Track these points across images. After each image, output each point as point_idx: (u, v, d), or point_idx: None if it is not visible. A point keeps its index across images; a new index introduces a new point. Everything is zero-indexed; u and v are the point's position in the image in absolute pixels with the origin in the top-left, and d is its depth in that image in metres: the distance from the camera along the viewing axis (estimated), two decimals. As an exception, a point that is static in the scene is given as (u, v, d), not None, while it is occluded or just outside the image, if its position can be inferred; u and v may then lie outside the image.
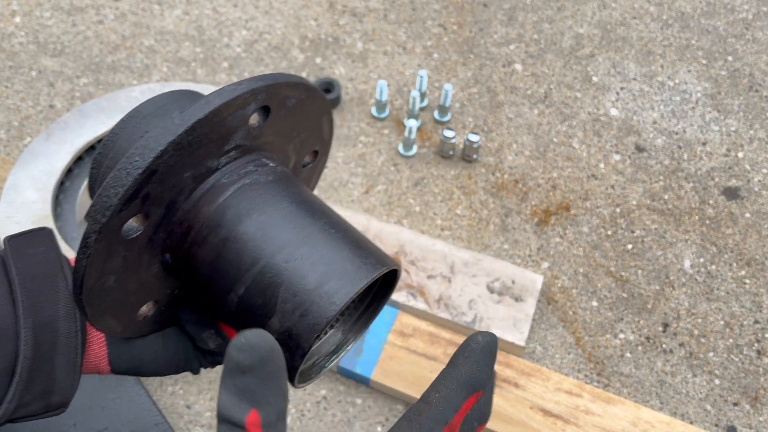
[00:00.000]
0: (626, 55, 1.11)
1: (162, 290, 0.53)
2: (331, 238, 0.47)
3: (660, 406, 0.79)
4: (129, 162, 0.42)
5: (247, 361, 0.34)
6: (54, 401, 0.52)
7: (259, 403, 0.35)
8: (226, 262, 0.47)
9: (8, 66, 1.07)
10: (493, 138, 1.01)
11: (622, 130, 1.02)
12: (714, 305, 0.86)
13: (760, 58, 1.11)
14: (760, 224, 0.93)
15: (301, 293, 0.44)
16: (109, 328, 0.51)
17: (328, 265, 0.45)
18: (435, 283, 0.83)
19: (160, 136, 0.43)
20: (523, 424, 0.75)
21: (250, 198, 0.47)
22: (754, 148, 1.01)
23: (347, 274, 0.45)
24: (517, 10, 1.16)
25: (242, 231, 0.46)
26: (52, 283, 0.51)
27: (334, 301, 0.43)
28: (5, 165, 0.92)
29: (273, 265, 0.45)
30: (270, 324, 0.45)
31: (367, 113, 1.03)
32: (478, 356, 0.40)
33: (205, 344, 0.58)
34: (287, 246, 0.46)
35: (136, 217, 0.46)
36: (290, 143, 0.54)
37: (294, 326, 0.44)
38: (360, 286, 0.44)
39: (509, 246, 0.90)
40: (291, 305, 0.44)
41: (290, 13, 1.15)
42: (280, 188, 0.49)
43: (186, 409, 0.77)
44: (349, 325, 0.54)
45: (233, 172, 0.48)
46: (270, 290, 0.45)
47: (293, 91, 0.49)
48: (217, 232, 0.47)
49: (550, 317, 0.85)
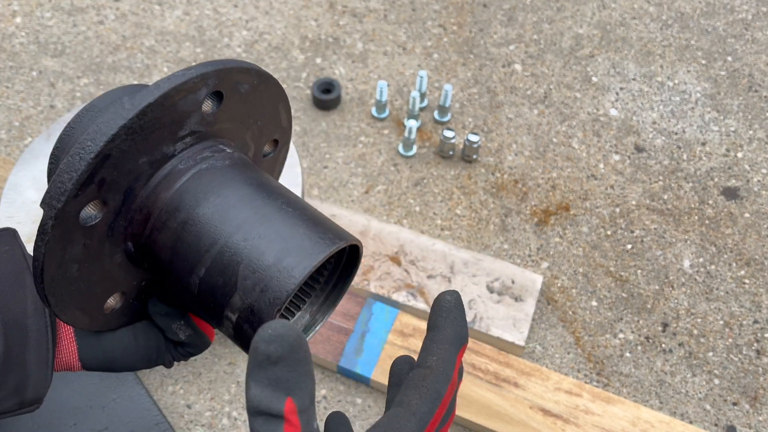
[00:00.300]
0: (626, 56, 1.11)
1: (128, 281, 0.53)
2: (288, 216, 0.47)
3: (659, 405, 0.79)
4: (81, 147, 0.43)
5: (278, 351, 0.35)
6: (27, 397, 0.52)
7: (292, 391, 0.36)
8: (186, 245, 0.47)
9: (9, 66, 1.07)
10: (492, 138, 1.01)
11: (622, 130, 1.02)
12: (713, 305, 0.87)
13: (760, 58, 1.11)
14: (759, 224, 0.93)
15: (261, 270, 0.45)
16: (76, 319, 0.51)
17: (286, 242, 0.46)
18: (435, 283, 0.83)
19: (111, 120, 0.43)
20: (522, 423, 0.75)
21: (207, 182, 0.48)
22: (753, 149, 1.01)
23: (305, 249, 0.45)
24: (516, 10, 1.17)
25: (200, 213, 0.47)
26: (18, 280, 0.51)
27: (293, 275, 0.44)
28: (6, 165, 0.92)
29: (231, 245, 0.46)
30: (232, 302, 0.46)
31: (367, 113, 1.03)
32: (455, 314, 0.43)
33: (176, 336, 0.58)
34: (244, 225, 0.46)
35: (93, 204, 0.46)
36: (248, 131, 0.54)
37: (255, 302, 0.45)
38: (318, 259, 0.45)
39: (509, 246, 0.91)
40: (251, 282, 0.45)
41: (290, 14, 1.15)
42: (236, 172, 0.49)
43: (186, 408, 0.77)
44: (316, 306, 0.55)
45: (189, 158, 0.48)
46: (230, 269, 0.46)
47: (245, 77, 0.50)
48: (176, 216, 0.47)
49: (550, 317, 0.85)
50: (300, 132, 1.01)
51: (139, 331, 0.58)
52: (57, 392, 0.73)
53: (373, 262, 0.84)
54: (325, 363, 0.79)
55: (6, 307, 0.50)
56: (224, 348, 0.82)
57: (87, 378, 0.75)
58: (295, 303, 0.56)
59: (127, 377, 0.75)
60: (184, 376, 0.79)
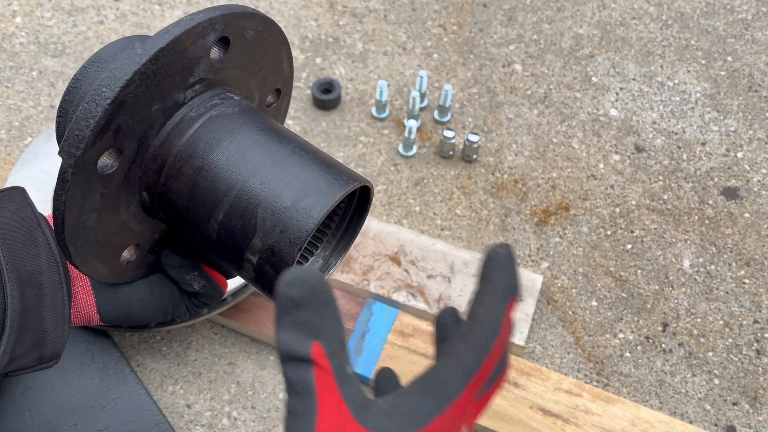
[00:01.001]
0: (626, 56, 1.11)
1: (143, 233, 0.54)
2: (301, 158, 0.48)
3: (659, 405, 0.80)
4: (97, 94, 0.43)
5: (299, 294, 0.34)
6: (46, 353, 0.52)
7: (319, 334, 0.36)
8: (203, 191, 0.48)
9: (9, 66, 1.07)
10: (492, 138, 1.01)
11: (622, 130, 1.03)
12: (713, 305, 0.87)
13: (760, 58, 1.11)
14: (759, 224, 0.94)
15: (279, 211, 0.46)
16: (95, 270, 0.52)
17: (302, 183, 0.46)
18: (435, 283, 0.83)
19: (125, 65, 0.43)
20: (522, 423, 0.75)
21: (219, 128, 0.48)
22: (753, 149, 1.01)
23: (321, 189, 0.46)
24: (516, 10, 1.17)
25: (215, 159, 0.47)
26: (30, 238, 0.51)
27: (312, 215, 0.45)
28: (6, 165, 0.93)
29: (249, 188, 0.46)
30: (252, 244, 0.46)
31: (367, 113, 1.03)
32: (505, 266, 0.41)
33: (190, 286, 0.59)
34: (260, 169, 0.47)
35: (109, 153, 0.46)
36: (252, 78, 0.55)
37: (276, 243, 0.46)
38: (335, 199, 0.46)
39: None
40: (270, 223, 0.46)
41: (290, 14, 1.15)
42: (246, 118, 0.50)
43: (186, 408, 0.78)
44: (329, 251, 0.56)
45: (200, 105, 0.49)
46: (248, 212, 0.46)
47: (250, 22, 0.50)
48: (191, 162, 0.48)
49: (550, 317, 0.85)
50: (300, 132, 1.01)
51: (154, 283, 0.59)
52: (57, 392, 0.73)
53: (372, 262, 0.84)
54: (325, 363, 0.79)
55: (20, 264, 0.50)
56: (224, 348, 0.82)
57: (87, 378, 0.75)
58: (309, 248, 0.56)
59: (127, 377, 0.75)
60: (184, 376, 0.79)
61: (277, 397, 0.79)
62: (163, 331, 0.82)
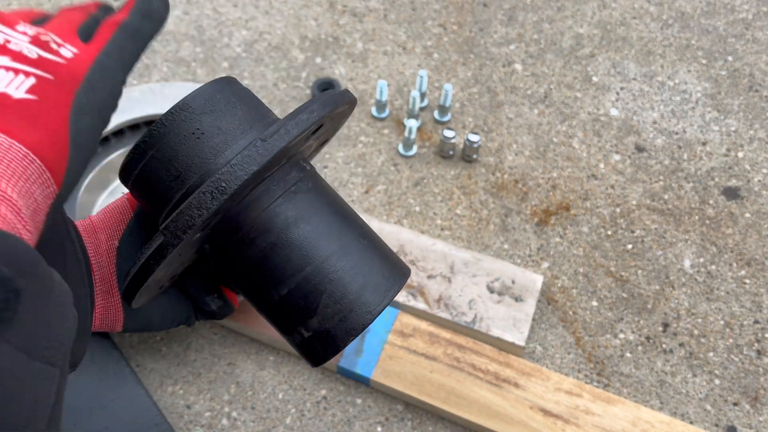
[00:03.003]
0: (626, 55, 1.11)
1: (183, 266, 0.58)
2: (365, 249, 0.53)
3: (660, 406, 0.79)
4: (215, 186, 0.45)
5: None
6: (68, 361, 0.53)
7: None
8: (273, 265, 0.51)
9: (8, 66, 1.07)
10: (493, 138, 1.01)
11: (622, 130, 1.02)
12: (714, 305, 0.86)
13: (760, 58, 1.11)
14: (760, 224, 0.93)
15: (342, 301, 0.51)
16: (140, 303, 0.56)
17: (365, 278, 0.52)
18: (435, 283, 0.83)
19: (245, 163, 0.46)
20: (523, 423, 0.75)
21: (296, 206, 0.52)
22: (754, 148, 1.01)
23: (380, 287, 0.52)
24: (517, 10, 1.17)
25: (291, 238, 0.51)
26: (60, 248, 0.51)
27: (370, 311, 0.51)
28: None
29: (318, 274, 0.51)
30: (309, 322, 0.51)
31: (367, 113, 1.03)
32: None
33: (208, 306, 0.63)
34: (331, 258, 0.51)
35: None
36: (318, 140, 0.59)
37: (333, 328, 0.51)
38: (390, 298, 0.52)
39: (509, 246, 0.91)
40: (332, 310, 0.51)
41: (290, 13, 1.15)
42: (320, 196, 0.54)
43: (186, 409, 0.77)
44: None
45: (280, 179, 0.52)
46: (313, 295, 0.51)
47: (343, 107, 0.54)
48: (266, 237, 0.51)
49: (550, 317, 0.85)
50: (300, 132, 1.01)
51: (174, 298, 0.63)
52: (56, 392, 0.73)
53: (373, 262, 0.84)
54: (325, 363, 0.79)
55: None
56: (224, 348, 0.81)
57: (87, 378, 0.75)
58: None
59: (126, 377, 0.75)
60: (183, 376, 0.79)
61: (277, 398, 0.79)
62: (162, 332, 0.82)
